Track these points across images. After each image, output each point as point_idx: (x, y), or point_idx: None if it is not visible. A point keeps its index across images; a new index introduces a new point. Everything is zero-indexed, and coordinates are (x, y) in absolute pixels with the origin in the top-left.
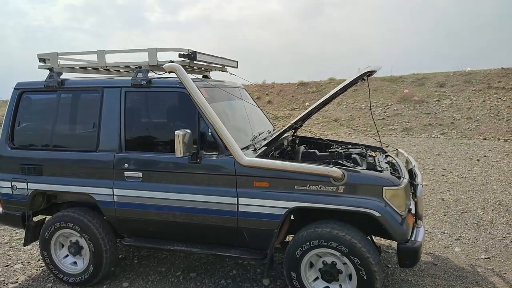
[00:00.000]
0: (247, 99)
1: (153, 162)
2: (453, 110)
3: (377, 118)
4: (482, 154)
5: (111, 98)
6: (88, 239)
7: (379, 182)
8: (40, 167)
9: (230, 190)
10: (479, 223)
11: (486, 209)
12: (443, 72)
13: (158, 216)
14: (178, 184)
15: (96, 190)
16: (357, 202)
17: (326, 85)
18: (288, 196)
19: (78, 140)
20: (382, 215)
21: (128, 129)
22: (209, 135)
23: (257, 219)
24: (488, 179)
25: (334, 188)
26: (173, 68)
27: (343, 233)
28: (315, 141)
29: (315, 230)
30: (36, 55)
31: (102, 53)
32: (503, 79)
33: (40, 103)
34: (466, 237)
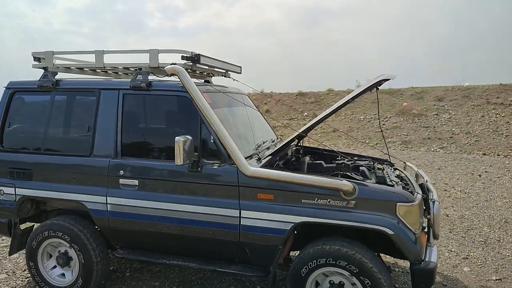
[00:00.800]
0: (250, 106)
1: (150, 170)
2: (452, 124)
3: (376, 130)
4: (483, 170)
5: (108, 100)
6: (78, 250)
7: (393, 197)
8: (29, 171)
9: (232, 202)
10: (486, 241)
11: (493, 227)
12: (442, 86)
13: (154, 227)
14: (176, 194)
15: (89, 197)
16: (368, 219)
17: (325, 96)
18: (294, 210)
19: (71, 144)
20: (396, 233)
21: (125, 134)
22: (211, 142)
23: (260, 233)
24: (492, 195)
25: (344, 203)
26: (175, 71)
27: (353, 252)
28: (319, 152)
29: (323, 247)
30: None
31: (100, 53)
32: (502, 95)
33: (33, 104)
34: (475, 256)
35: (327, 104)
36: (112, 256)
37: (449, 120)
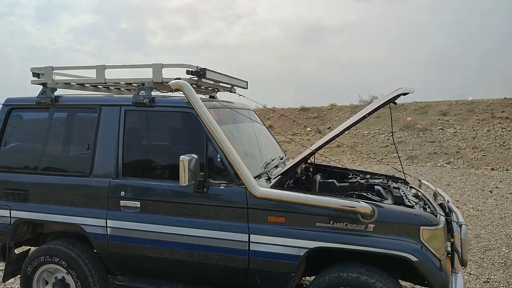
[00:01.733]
0: (257, 122)
1: (153, 191)
2: (458, 139)
3: (381, 145)
4: (494, 186)
5: (109, 117)
6: (76, 277)
7: (415, 220)
8: (25, 192)
9: (241, 225)
10: (506, 262)
11: (511, 247)
12: (446, 101)
13: (157, 252)
14: (181, 217)
15: (87, 220)
16: (389, 244)
17: (327, 111)
18: (308, 234)
19: (70, 163)
20: (420, 259)
21: (127, 152)
22: (218, 161)
23: (271, 259)
24: (506, 213)
25: (363, 226)
26: (179, 86)
27: (373, 280)
28: (329, 169)
29: (340, 275)
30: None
31: (101, 68)
32: (506, 109)
33: (31, 121)
34: (496, 280)
35: (330, 119)
36: (112, 283)
37: (455, 135)
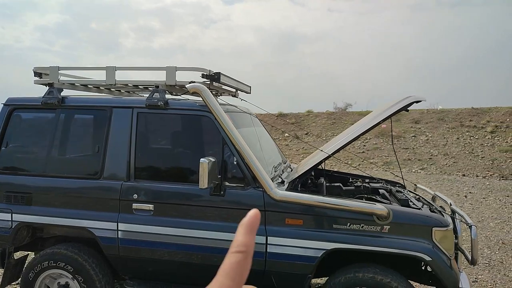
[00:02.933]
0: (260, 127)
1: (167, 193)
2: (430, 146)
3: (358, 152)
4: (467, 191)
5: (120, 119)
6: (82, 282)
7: (428, 222)
8: (29, 195)
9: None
10: (490, 263)
11: (492, 248)
12: (417, 109)
13: (171, 255)
14: (196, 220)
15: (97, 224)
16: (404, 244)
17: (305, 117)
18: (325, 235)
19: (77, 165)
20: (433, 259)
21: (139, 155)
22: (234, 164)
23: (288, 261)
24: (483, 216)
25: (378, 228)
26: (197, 89)
27: (388, 279)
28: (330, 174)
29: (355, 275)
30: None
31: (112, 70)
32: (474, 118)
33: (34, 122)
34: (484, 279)
35: (308, 125)
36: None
37: (427, 142)
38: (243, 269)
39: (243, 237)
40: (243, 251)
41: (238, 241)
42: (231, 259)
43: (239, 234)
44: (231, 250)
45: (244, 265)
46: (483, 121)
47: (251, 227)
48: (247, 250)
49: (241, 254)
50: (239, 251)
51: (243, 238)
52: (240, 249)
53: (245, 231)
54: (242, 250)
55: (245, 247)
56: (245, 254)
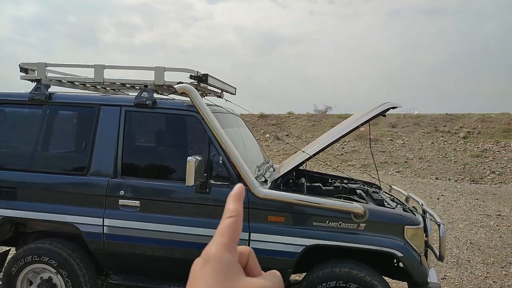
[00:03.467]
0: (244, 128)
1: (154, 190)
2: (406, 149)
3: (336, 154)
4: (440, 193)
5: (108, 117)
6: (66, 276)
7: (401, 220)
8: (13, 190)
9: None
10: (458, 261)
11: (460, 248)
12: (394, 114)
13: (156, 250)
14: (181, 216)
15: (83, 219)
16: (378, 241)
17: (285, 118)
18: (305, 232)
19: (64, 161)
20: (405, 255)
21: (127, 152)
22: (220, 163)
23: (270, 256)
24: (453, 218)
25: (355, 226)
26: (186, 90)
27: (363, 274)
28: (310, 174)
29: (332, 270)
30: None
31: (100, 68)
32: (448, 124)
33: (20, 117)
34: (451, 277)
35: (288, 127)
36: (100, 283)
37: (403, 146)
38: (235, 229)
39: (233, 205)
40: (234, 215)
41: (230, 208)
42: (225, 223)
43: (229, 203)
44: (224, 216)
45: (236, 226)
46: (457, 126)
47: (238, 197)
48: (237, 215)
49: (233, 218)
50: (231, 216)
51: (233, 205)
52: (231, 214)
53: (234, 199)
54: (234, 215)
55: (235, 212)
56: (236, 217)
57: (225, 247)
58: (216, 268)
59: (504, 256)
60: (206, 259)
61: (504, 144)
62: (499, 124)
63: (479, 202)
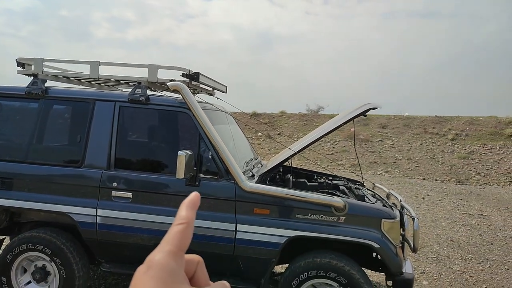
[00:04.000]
0: (234, 125)
1: (146, 183)
2: (395, 150)
3: (327, 153)
4: (425, 193)
5: (103, 111)
6: (60, 264)
7: (378, 214)
8: (10, 181)
9: (229, 216)
10: (438, 257)
11: (441, 245)
12: (385, 115)
13: (147, 240)
14: (172, 208)
15: (76, 209)
16: (357, 233)
17: (278, 118)
18: (289, 224)
19: (59, 153)
20: (381, 246)
21: (120, 146)
22: (209, 158)
23: (255, 247)
24: (436, 216)
25: (335, 218)
26: (178, 87)
27: (342, 264)
28: (297, 171)
29: (314, 260)
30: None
31: (95, 65)
32: (437, 126)
33: (16, 110)
34: (430, 271)
35: (280, 126)
36: (93, 271)
37: (392, 146)
38: (183, 237)
39: (185, 212)
40: (184, 223)
41: (181, 215)
42: (173, 230)
43: (181, 210)
44: (173, 223)
45: (185, 234)
46: (445, 128)
47: (191, 205)
48: (188, 222)
49: (182, 226)
50: (181, 223)
51: (185, 212)
52: (181, 222)
53: (187, 207)
54: (183, 222)
55: (186, 219)
56: (186, 225)
57: (170, 255)
58: (157, 276)
59: (482, 253)
60: (149, 266)
61: (490, 146)
62: (486, 127)
63: (463, 202)
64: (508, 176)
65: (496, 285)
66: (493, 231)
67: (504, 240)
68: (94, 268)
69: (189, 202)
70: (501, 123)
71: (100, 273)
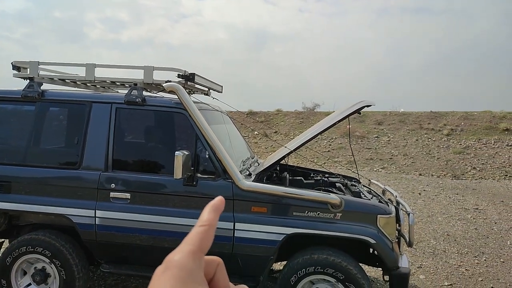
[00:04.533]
0: (230, 124)
1: (144, 183)
2: (391, 146)
3: (323, 151)
4: (422, 189)
5: (100, 113)
6: (60, 266)
7: (374, 210)
8: (8, 184)
9: (226, 215)
10: (434, 252)
11: (437, 239)
12: (381, 111)
13: (146, 240)
14: (170, 208)
15: (75, 211)
16: (353, 229)
17: (274, 116)
18: (286, 222)
19: (57, 156)
20: (377, 242)
21: (117, 147)
22: (206, 157)
23: (253, 245)
24: (432, 212)
25: (332, 215)
26: (174, 88)
27: (339, 260)
28: (293, 169)
29: (311, 256)
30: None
31: (91, 67)
32: (432, 121)
33: (13, 113)
34: (427, 265)
35: (277, 124)
36: (92, 272)
37: (388, 143)
38: (204, 239)
39: (208, 215)
40: (207, 225)
41: (203, 218)
42: (195, 231)
43: (204, 213)
44: (196, 225)
45: (206, 235)
46: (440, 124)
47: (215, 208)
48: (210, 224)
49: (204, 227)
50: (203, 225)
51: (208, 215)
52: (204, 224)
53: (210, 210)
54: (206, 224)
55: (208, 222)
56: (208, 227)
57: (190, 255)
58: (176, 275)
59: (478, 247)
60: (168, 266)
61: (485, 141)
62: (481, 122)
63: (458, 197)
64: (503, 170)
65: (492, 277)
66: (489, 225)
67: (499, 234)
68: (94, 269)
69: (213, 205)
70: (496, 117)
71: (100, 274)
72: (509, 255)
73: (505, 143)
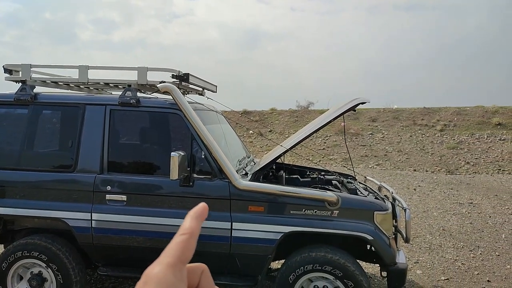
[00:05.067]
0: (225, 124)
1: (140, 185)
2: (385, 143)
3: (318, 148)
4: (417, 184)
5: (94, 115)
6: (56, 270)
7: (370, 207)
8: (2, 188)
9: (224, 215)
10: (430, 247)
11: (433, 234)
12: (374, 108)
13: (143, 242)
14: (167, 209)
15: (71, 214)
16: (350, 226)
17: (268, 115)
18: (283, 220)
19: (51, 159)
20: (374, 238)
21: (112, 149)
22: (202, 158)
23: (251, 244)
24: (428, 207)
25: (329, 213)
26: (168, 89)
27: (337, 257)
28: (290, 167)
29: (309, 254)
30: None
31: (84, 69)
32: (426, 117)
33: (5, 117)
34: (424, 260)
35: (271, 123)
36: (89, 275)
37: (383, 139)
38: (185, 249)
39: (189, 223)
40: (187, 233)
41: (185, 226)
42: (174, 241)
43: (186, 221)
44: (177, 233)
45: (187, 245)
46: (434, 120)
47: (198, 215)
48: (191, 233)
49: (184, 236)
50: (183, 233)
51: (189, 223)
52: (184, 232)
53: (192, 217)
54: (186, 232)
55: (189, 230)
56: (189, 236)
57: (169, 267)
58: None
59: (473, 241)
60: (146, 281)
61: (478, 136)
62: (473, 117)
63: (453, 192)
64: (496, 164)
65: (487, 271)
66: (483, 219)
67: (494, 227)
68: (91, 272)
69: (194, 212)
70: (488, 112)
71: (97, 277)
72: (504, 248)
73: (498, 137)
